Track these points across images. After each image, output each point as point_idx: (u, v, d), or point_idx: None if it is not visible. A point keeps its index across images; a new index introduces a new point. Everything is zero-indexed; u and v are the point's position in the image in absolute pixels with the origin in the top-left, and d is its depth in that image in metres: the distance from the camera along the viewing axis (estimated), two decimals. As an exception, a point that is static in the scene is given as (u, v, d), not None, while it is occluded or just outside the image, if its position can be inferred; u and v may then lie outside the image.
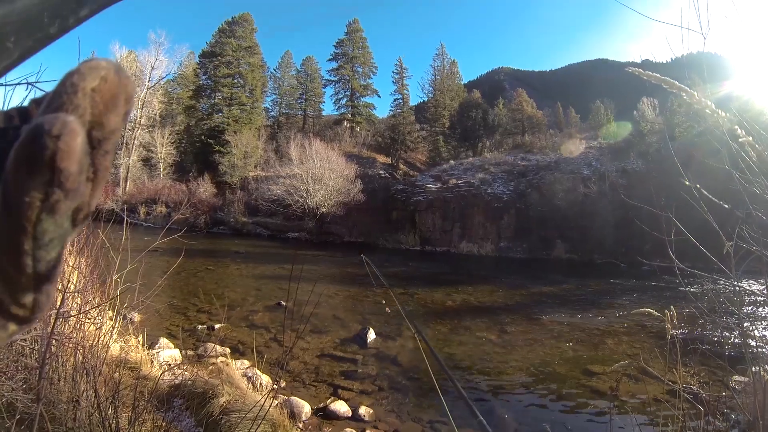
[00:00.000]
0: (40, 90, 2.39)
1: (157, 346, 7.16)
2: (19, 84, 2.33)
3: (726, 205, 2.92)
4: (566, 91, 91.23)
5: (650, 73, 1.71)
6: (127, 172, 43.24)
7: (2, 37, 0.33)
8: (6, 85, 2.20)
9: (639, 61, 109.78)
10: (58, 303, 3.14)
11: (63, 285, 3.41)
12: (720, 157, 2.98)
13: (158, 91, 47.99)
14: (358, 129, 55.17)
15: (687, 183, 2.97)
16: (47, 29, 0.37)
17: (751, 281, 3.96)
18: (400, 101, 57.30)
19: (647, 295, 15.60)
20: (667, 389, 3.95)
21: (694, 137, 26.18)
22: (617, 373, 7.04)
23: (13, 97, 2.89)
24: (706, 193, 2.91)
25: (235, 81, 48.48)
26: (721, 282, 3.32)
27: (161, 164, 44.80)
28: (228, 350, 7.91)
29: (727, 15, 2.64)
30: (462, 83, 57.56)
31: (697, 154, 15.22)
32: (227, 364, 6.58)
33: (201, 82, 49.66)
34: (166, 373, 5.04)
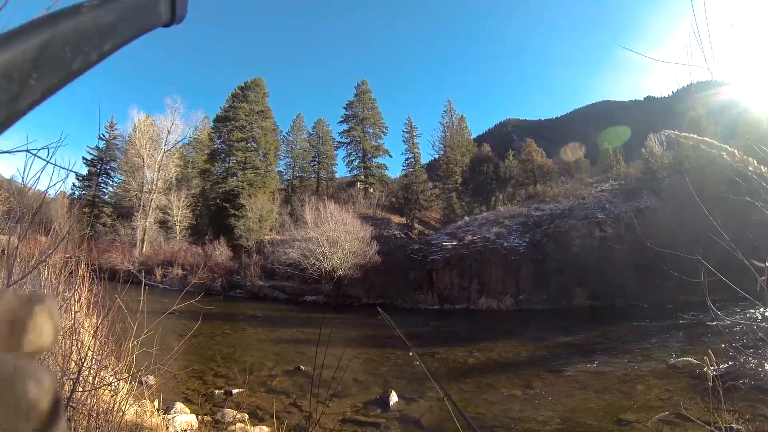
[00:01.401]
0: (41, 158, 2.41)
1: (172, 411, 6.97)
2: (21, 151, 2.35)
3: (758, 263, 2.84)
4: (573, 136, 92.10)
5: (687, 134, 1.73)
6: (144, 234, 43.72)
7: (24, 74, 0.33)
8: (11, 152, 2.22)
9: (642, 98, 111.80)
10: (76, 371, 3.07)
11: (80, 354, 3.35)
12: (733, 187, 2.94)
13: (174, 154, 49.15)
14: (371, 190, 55.68)
15: (722, 232, 2.90)
16: (70, 65, 0.37)
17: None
18: (412, 160, 58.06)
19: (675, 334, 15.19)
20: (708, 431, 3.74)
21: (704, 167, 26.11)
22: (657, 423, 6.72)
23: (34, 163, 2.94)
24: (740, 255, 2.83)
25: (249, 145, 49.46)
26: (754, 313, 3.21)
27: (177, 227, 45.26)
28: (246, 416, 7.71)
29: (733, 49, 2.64)
30: (471, 138, 58.34)
31: (711, 185, 15.18)
32: (246, 431, 6.37)
33: (215, 146, 50.73)
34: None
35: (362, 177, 59.04)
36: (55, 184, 3.14)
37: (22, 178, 2.95)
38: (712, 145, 1.63)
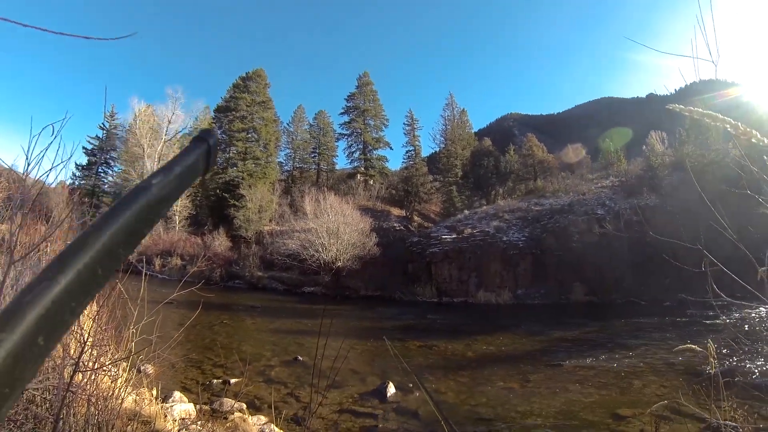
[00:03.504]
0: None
1: (171, 400, 7.00)
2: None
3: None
4: (574, 131, 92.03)
5: (692, 108, 1.73)
6: (143, 224, 43.47)
7: (117, 246, 0.40)
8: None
9: (644, 96, 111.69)
10: (77, 355, 3.07)
11: (82, 337, 3.35)
12: (734, 183, 2.96)
13: (174, 144, 48.79)
14: (371, 182, 55.61)
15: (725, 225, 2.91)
16: (143, 232, 0.44)
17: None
18: (412, 153, 57.87)
19: (672, 331, 15.28)
20: (704, 427, 3.77)
21: (705, 166, 26.24)
22: (654, 416, 6.77)
23: (38, 143, 2.95)
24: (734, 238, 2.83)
25: (250, 135, 49.40)
26: (757, 307, 3.20)
27: (177, 217, 45.08)
28: (244, 405, 7.73)
29: (737, 43, 2.64)
30: (472, 132, 58.03)
31: (712, 181, 15.29)
32: (244, 420, 6.40)
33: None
34: (182, 430, 4.90)
35: (362, 169, 59.01)
36: (56, 166, 3.12)
37: (27, 156, 2.94)
38: (715, 118, 1.64)
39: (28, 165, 2.94)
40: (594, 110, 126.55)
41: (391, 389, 9.55)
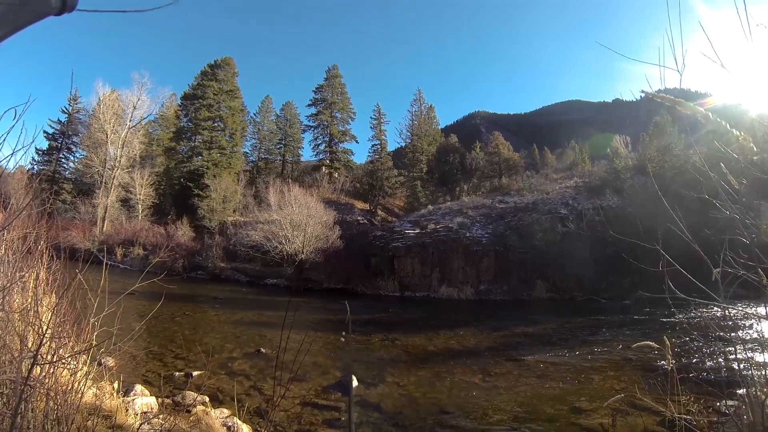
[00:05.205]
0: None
1: (132, 393, 6.86)
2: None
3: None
4: (541, 132, 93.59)
5: (664, 95, 1.80)
6: (105, 212, 42.25)
7: None
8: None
9: (610, 101, 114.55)
10: (36, 348, 2.99)
11: (40, 329, 3.27)
12: (693, 188, 3.08)
13: (139, 131, 47.57)
14: (336, 175, 55.53)
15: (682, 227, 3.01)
16: None
17: (738, 305, 3.96)
18: (378, 147, 58.03)
19: (630, 328, 15.68)
20: (660, 420, 3.91)
21: (666, 170, 27.09)
22: (611, 409, 6.99)
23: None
24: (690, 239, 2.94)
25: (216, 124, 48.66)
26: (711, 306, 3.33)
27: (140, 206, 44.09)
28: (207, 398, 7.64)
29: (704, 53, 2.73)
30: (439, 128, 58.52)
31: (672, 186, 15.76)
32: (207, 413, 6.34)
33: (182, 124, 49.69)
34: (144, 424, 4.82)
35: (328, 161, 58.96)
36: (17, 151, 3.01)
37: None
38: (686, 107, 1.73)
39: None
40: (561, 112, 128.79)
41: (354, 382, 9.58)
